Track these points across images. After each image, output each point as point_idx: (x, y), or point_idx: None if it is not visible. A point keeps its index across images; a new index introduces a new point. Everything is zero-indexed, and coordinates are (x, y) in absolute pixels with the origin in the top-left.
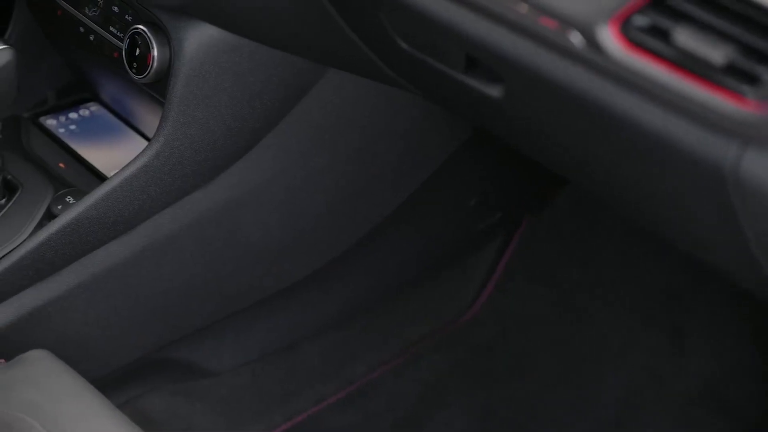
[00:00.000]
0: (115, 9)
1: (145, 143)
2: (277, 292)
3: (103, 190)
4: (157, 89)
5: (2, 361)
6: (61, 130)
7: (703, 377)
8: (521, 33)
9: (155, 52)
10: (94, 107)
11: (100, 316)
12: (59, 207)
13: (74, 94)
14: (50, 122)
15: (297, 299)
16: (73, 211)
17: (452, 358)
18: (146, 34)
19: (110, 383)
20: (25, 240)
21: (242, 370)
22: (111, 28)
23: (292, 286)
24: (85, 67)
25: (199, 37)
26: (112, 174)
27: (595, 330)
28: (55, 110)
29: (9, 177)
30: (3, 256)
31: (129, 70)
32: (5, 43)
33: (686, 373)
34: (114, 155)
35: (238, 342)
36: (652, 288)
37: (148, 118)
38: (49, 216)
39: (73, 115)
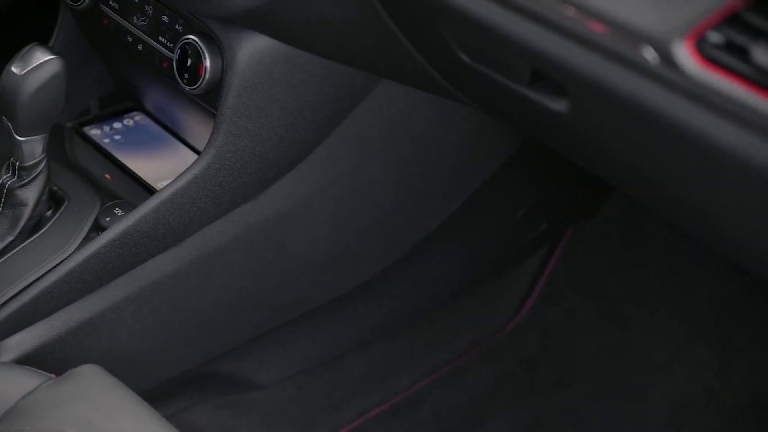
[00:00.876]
0: (165, 19)
1: (191, 153)
2: (323, 303)
3: (153, 202)
4: (208, 100)
5: (53, 375)
6: (106, 140)
7: (751, 390)
8: (592, 48)
9: (207, 63)
10: (138, 117)
11: (147, 329)
12: (108, 219)
13: (117, 103)
14: (94, 132)
15: (343, 311)
16: (123, 223)
17: (497, 369)
18: (198, 44)
19: (156, 396)
20: (73, 253)
21: (287, 383)
22: (160, 38)
23: (339, 297)
24: (130, 76)
25: (252, 48)
26: (159, 185)
27: (640, 341)
28: (99, 120)
29: (55, 188)
30: (51, 269)
31: (179, 81)
32: (52, 52)
33: (734, 385)
34: (160, 166)
35: (284, 354)
36: (699, 299)
37: (195, 128)
38: (97, 228)
39: (117, 125)
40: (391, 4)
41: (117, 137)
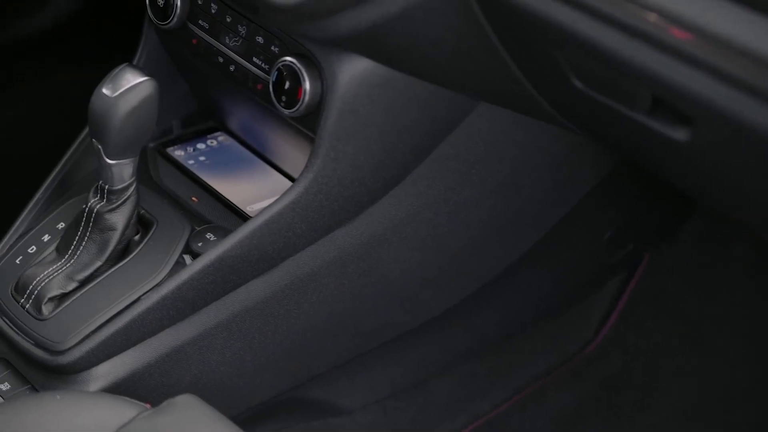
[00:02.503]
0: (260, 39)
1: (278, 176)
2: (412, 328)
3: (248, 227)
4: (305, 123)
5: (147, 405)
6: (191, 162)
7: None
8: (722, 77)
9: (307, 86)
10: (222, 137)
11: (237, 355)
12: (200, 244)
13: (198, 123)
14: (178, 153)
15: (430, 335)
16: (218, 249)
17: (579, 391)
18: (297, 66)
19: (244, 423)
20: (164, 279)
21: (374, 408)
22: (254, 59)
23: (427, 321)
24: (214, 97)
25: (353, 71)
26: (249, 209)
27: (722, 364)
28: (182, 140)
29: (143, 212)
30: (142, 296)
31: (276, 104)
32: (143, 73)
33: None
34: (249, 189)
35: (371, 379)
36: None
37: (284, 150)
38: (189, 253)
39: (200, 146)
40: (505, 29)
41: (202, 158)
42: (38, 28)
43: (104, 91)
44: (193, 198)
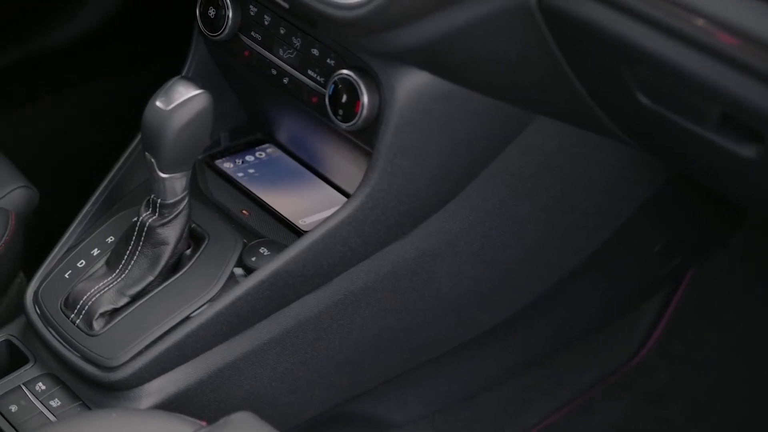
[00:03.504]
0: (315, 52)
1: (329, 189)
2: (463, 342)
3: (304, 242)
4: (361, 137)
5: (203, 423)
6: (240, 174)
7: None
8: None
9: (365, 99)
10: (270, 149)
11: (289, 370)
12: (253, 259)
13: (245, 135)
14: (226, 165)
15: (480, 349)
16: (273, 264)
17: (625, 404)
18: (354, 79)
19: None
20: (218, 294)
21: (423, 422)
22: (309, 72)
23: (477, 336)
24: (263, 108)
25: (411, 84)
26: (301, 222)
27: None
28: (230, 152)
29: (194, 225)
30: (195, 311)
31: (333, 117)
32: (197, 86)
33: None
34: (300, 202)
35: (421, 394)
36: None
37: (334, 162)
38: (242, 268)
39: (249, 158)
40: (569, 43)
41: (251, 171)
42: (72, 35)
43: (158, 104)
44: (244, 211)
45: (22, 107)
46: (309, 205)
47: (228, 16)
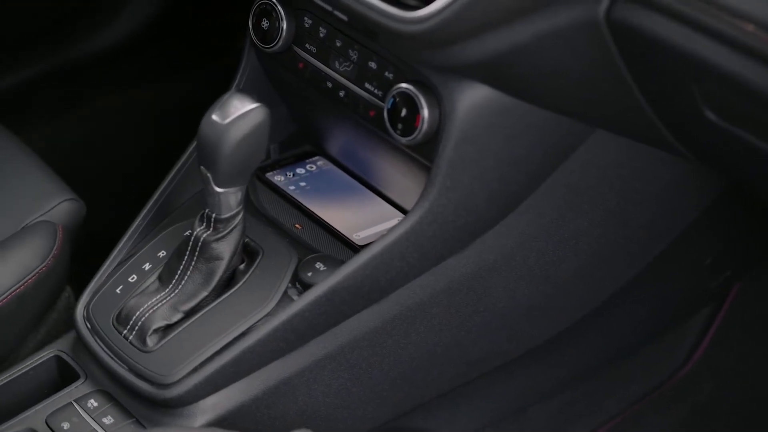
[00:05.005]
0: (372, 65)
1: (382, 202)
2: (515, 356)
3: (362, 258)
4: (420, 151)
5: None
6: (291, 188)
7: None
8: None
9: (425, 114)
10: (320, 161)
11: (343, 386)
12: (309, 274)
13: (294, 147)
14: (277, 178)
15: (531, 364)
16: (331, 280)
17: (673, 417)
18: (414, 93)
19: None
20: (274, 310)
21: None
22: (367, 85)
23: (529, 350)
24: (314, 121)
25: (472, 98)
26: (355, 237)
27: None
28: (280, 165)
29: (247, 240)
30: (251, 327)
31: (392, 132)
32: (253, 100)
33: None
34: (354, 216)
35: (471, 408)
36: None
37: (388, 176)
38: (298, 283)
39: (299, 171)
40: (637, 59)
41: (302, 184)
42: (109, 43)
43: (214, 118)
44: (297, 225)
45: (60, 116)
46: (362, 219)
47: (282, 27)
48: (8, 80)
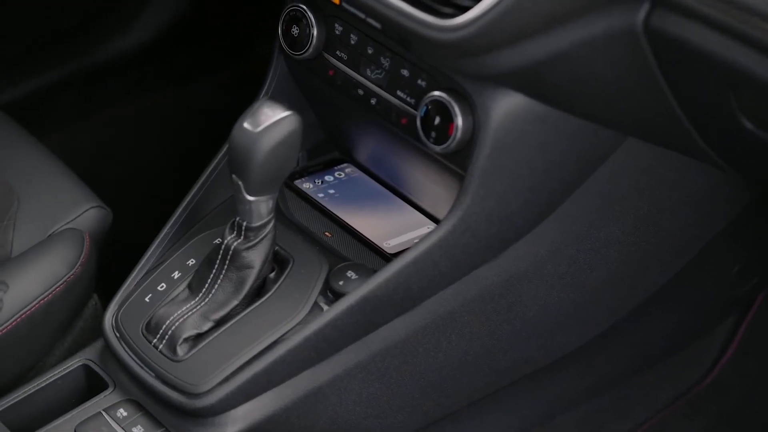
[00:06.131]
0: (405, 72)
1: (412, 210)
2: (545, 365)
3: (395, 266)
4: (453, 159)
5: None
6: (320, 195)
7: None
8: None
9: (459, 122)
10: (349, 169)
11: (373, 395)
12: (341, 283)
13: (322, 153)
14: (306, 185)
15: (560, 371)
16: (363, 288)
17: (700, 424)
18: (448, 101)
19: None
20: (305, 318)
21: None
22: (399, 93)
23: (558, 358)
24: (343, 128)
25: (506, 106)
26: (385, 245)
27: None
28: (309, 172)
29: (277, 248)
30: (283, 336)
31: (425, 140)
32: (284, 108)
33: None
34: (382, 223)
35: (499, 417)
36: None
37: (418, 184)
38: (329, 292)
39: (328, 178)
40: (674, 67)
41: (331, 191)
42: (128, 47)
43: (246, 125)
44: (327, 233)
45: (81, 120)
46: (392, 227)
47: (313, 34)
48: (30, 84)
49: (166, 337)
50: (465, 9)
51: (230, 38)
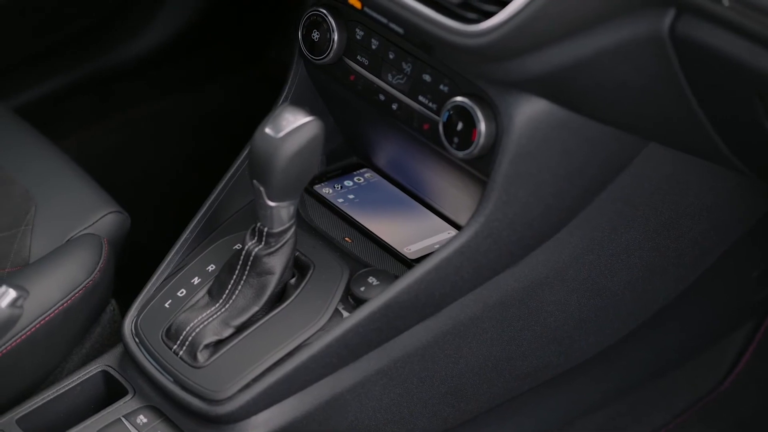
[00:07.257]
0: (427, 78)
1: (432, 215)
2: (565, 370)
3: (417, 272)
4: (475, 165)
5: None
6: (340, 200)
7: None
8: None
9: (482, 127)
10: (368, 174)
11: (394, 401)
12: (362, 289)
13: (340, 158)
14: (326, 191)
15: (579, 377)
16: (385, 295)
17: (718, 429)
18: (471, 107)
19: None
20: (327, 325)
21: None
22: (420, 98)
23: (578, 363)
24: (362, 133)
25: (529, 112)
26: (406, 250)
27: None
28: (328, 177)
29: (297, 254)
30: (304, 343)
31: (448, 145)
32: (306, 113)
33: None
34: (403, 229)
35: (518, 421)
36: None
37: (438, 189)
38: (350, 298)
39: (347, 183)
40: (699, 74)
41: (351, 197)
42: (140, 51)
43: (267, 131)
44: (347, 239)
45: (96, 124)
46: (413, 233)
47: (333, 39)
48: (46, 88)
49: (187, 343)
50: (489, 14)
51: (245, 41)
